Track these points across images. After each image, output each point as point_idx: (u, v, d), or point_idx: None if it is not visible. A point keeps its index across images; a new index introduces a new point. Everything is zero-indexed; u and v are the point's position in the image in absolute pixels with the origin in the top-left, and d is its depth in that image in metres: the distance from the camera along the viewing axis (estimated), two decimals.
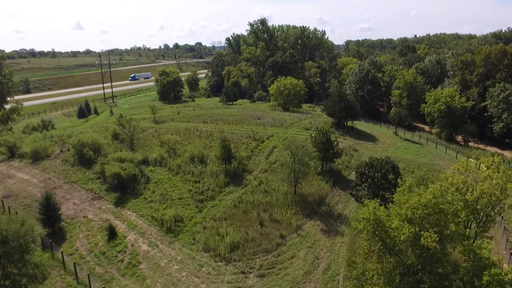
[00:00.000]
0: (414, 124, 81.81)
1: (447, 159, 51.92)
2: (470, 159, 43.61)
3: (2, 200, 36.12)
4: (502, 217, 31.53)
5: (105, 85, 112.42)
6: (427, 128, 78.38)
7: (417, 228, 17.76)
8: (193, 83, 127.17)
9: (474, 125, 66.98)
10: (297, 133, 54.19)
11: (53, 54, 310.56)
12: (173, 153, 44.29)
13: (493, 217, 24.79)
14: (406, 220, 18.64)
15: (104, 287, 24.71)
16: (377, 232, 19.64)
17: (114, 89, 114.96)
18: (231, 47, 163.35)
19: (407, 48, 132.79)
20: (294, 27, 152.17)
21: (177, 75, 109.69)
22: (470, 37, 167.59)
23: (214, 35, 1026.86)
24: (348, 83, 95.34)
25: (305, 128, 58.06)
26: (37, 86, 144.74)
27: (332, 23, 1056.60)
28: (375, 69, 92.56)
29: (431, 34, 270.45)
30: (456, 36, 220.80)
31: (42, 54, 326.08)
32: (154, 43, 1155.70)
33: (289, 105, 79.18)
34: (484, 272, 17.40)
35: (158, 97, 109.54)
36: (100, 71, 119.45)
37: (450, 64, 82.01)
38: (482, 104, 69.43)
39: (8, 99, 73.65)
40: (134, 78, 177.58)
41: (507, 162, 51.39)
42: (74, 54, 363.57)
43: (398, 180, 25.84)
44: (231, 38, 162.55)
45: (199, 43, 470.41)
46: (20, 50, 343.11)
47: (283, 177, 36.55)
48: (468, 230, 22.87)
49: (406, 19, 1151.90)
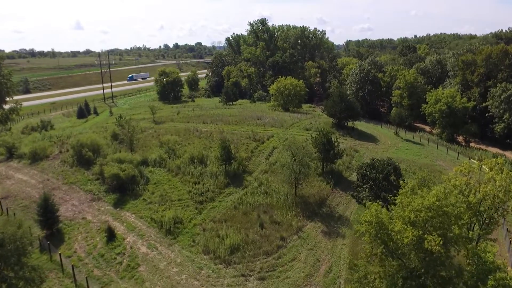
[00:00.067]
0: (414, 124, 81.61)
1: (448, 159, 51.65)
2: (473, 160, 43.29)
3: (0, 201, 35.83)
4: (505, 218, 31.22)
5: (105, 85, 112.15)
6: (428, 128, 78.13)
7: (420, 231, 17.46)
8: (193, 83, 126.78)
9: (475, 125, 66.73)
10: (297, 133, 53.88)
11: (53, 54, 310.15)
12: (173, 154, 43.99)
13: (497, 219, 24.52)
14: (409, 223, 18.35)
15: None
16: (379, 235, 19.36)
17: (113, 89, 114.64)
18: (231, 47, 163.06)
19: (407, 48, 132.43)
20: (294, 27, 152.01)
21: (177, 75, 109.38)
22: (471, 37, 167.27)
23: (214, 35, 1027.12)
24: (348, 83, 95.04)
25: (306, 129, 57.78)
26: (36, 86, 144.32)
27: (332, 23, 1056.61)
28: (375, 69, 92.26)
29: (431, 34, 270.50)
30: (457, 36, 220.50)
31: (42, 54, 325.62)
32: (154, 43, 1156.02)
33: (289, 105, 78.89)
34: (489, 276, 17.10)
35: (158, 97, 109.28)
36: (99, 71, 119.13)
37: (451, 64, 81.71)
38: (483, 104, 69.13)
39: (7, 99, 73.33)
40: (132, 79, 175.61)
41: (509, 163, 51.05)
42: (74, 54, 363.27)
43: (400, 182, 25.59)
44: (231, 38, 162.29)
45: (199, 43, 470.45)
46: (19, 50, 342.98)
47: (284, 178, 36.25)
48: (471, 233, 22.61)
49: (406, 19, 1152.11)
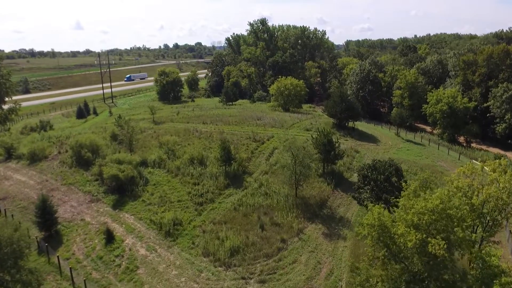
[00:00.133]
0: (415, 124, 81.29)
1: (449, 160, 51.36)
2: (475, 161, 42.95)
3: None
4: (508, 221, 30.84)
5: (105, 85, 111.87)
6: (428, 128, 77.83)
7: (424, 235, 17.13)
8: (193, 83, 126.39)
9: (476, 126, 66.38)
10: (297, 134, 53.56)
11: (52, 54, 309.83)
12: (172, 155, 43.66)
13: (500, 221, 24.18)
14: (412, 226, 18.03)
15: None
16: (381, 238, 19.06)
17: (113, 89, 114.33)
18: (231, 47, 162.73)
19: (408, 48, 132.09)
20: (294, 27, 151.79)
21: (177, 75, 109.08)
22: (471, 37, 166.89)
23: (214, 35, 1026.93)
24: (349, 83, 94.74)
25: (306, 129, 57.49)
26: (36, 86, 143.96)
27: (332, 23, 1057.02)
28: (376, 69, 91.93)
29: (431, 34, 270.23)
30: (457, 36, 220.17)
31: (41, 54, 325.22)
32: (154, 43, 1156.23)
33: (290, 106, 78.57)
34: (494, 281, 16.76)
35: (158, 97, 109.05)
36: (99, 71, 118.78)
37: (451, 64, 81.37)
38: (485, 104, 68.80)
39: (6, 99, 73.12)
40: (129, 79, 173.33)
41: (511, 164, 50.69)
42: (74, 54, 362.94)
43: (402, 183, 25.29)
44: (231, 38, 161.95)
45: (199, 43, 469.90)
46: (19, 50, 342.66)
47: (284, 179, 35.93)
48: (474, 235, 22.29)
49: (406, 19, 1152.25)
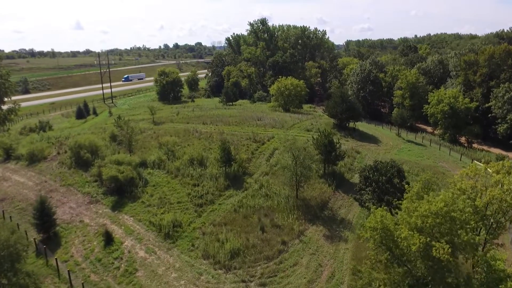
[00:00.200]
0: (416, 125, 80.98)
1: (451, 161, 51.05)
2: (477, 162, 42.62)
3: None
4: (511, 222, 30.54)
5: (104, 85, 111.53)
6: (429, 129, 77.51)
7: (428, 238, 16.80)
8: (193, 83, 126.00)
9: (478, 126, 66.03)
10: (298, 134, 53.21)
11: (52, 54, 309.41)
12: (172, 155, 43.35)
13: (504, 224, 23.88)
14: (416, 229, 17.71)
15: None
16: (384, 242, 18.75)
17: (113, 89, 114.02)
18: (231, 47, 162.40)
19: (408, 48, 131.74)
20: (295, 27, 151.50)
21: (177, 75, 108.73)
22: (472, 37, 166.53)
23: (214, 35, 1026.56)
24: (349, 84, 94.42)
25: (307, 130, 57.20)
26: (36, 86, 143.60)
27: (332, 23, 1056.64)
28: (376, 69, 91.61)
29: (431, 34, 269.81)
30: (457, 36, 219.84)
31: (41, 54, 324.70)
32: (154, 43, 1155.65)
33: (290, 106, 78.24)
34: (500, 285, 16.44)
35: (158, 98, 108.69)
36: (99, 71, 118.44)
37: (452, 64, 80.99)
38: (486, 105, 68.44)
39: (6, 99, 72.82)
40: (127, 79, 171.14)
41: None
42: (74, 54, 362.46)
43: (404, 185, 24.96)
44: (231, 38, 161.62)
45: (199, 43, 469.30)
46: (19, 50, 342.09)
47: (285, 180, 35.62)
48: (478, 237, 21.99)
49: (406, 19, 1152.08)
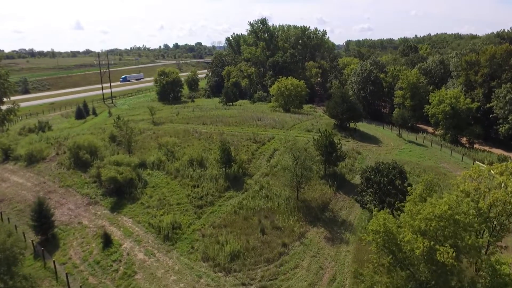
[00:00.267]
0: (417, 125, 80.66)
1: (452, 161, 50.74)
2: (479, 163, 42.27)
3: None
4: None
5: (104, 85, 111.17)
6: (430, 129, 77.17)
7: (432, 242, 16.48)
8: (193, 83, 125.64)
9: (479, 126, 65.70)
10: (298, 135, 52.91)
11: (52, 54, 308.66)
12: (172, 156, 43.05)
13: (508, 226, 23.57)
14: (419, 232, 17.40)
15: None
16: (387, 245, 18.43)
17: (113, 90, 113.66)
18: (231, 47, 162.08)
19: (409, 48, 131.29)
20: (295, 27, 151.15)
21: (177, 75, 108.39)
22: (472, 37, 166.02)
23: (214, 35, 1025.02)
24: (350, 84, 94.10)
25: (307, 130, 56.90)
26: (36, 86, 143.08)
27: (332, 23, 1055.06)
28: (377, 69, 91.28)
29: (431, 34, 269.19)
30: (458, 36, 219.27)
31: (41, 54, 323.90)
32: (154, 43, 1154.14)
33: (290, 106, 77.91)
34: None
35: (158, 98, 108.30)
36: (99, 71, 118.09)
37: (454, 64, 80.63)
38: (488, 105, 68.10)
39: (5, 99, 72.49)
40: (125, 80, 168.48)
41: None
42: (74, 54, 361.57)
43: (407, 187, 24.65)
44: (231, 38, 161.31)
45: (199, 43, 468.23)
46: (19, 50, 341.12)
47: (285, 181, 35.32)
48: (481, 240, 21.68)
49: (406, 19, 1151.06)
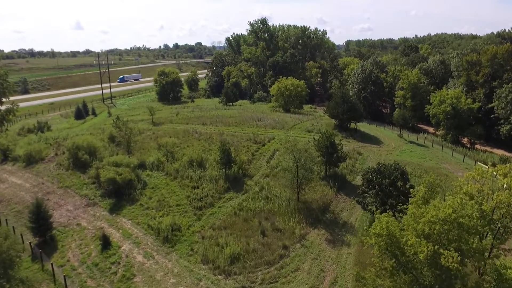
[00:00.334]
0: (418, 125, 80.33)
1: (454, 162, 50.39)
2: (480, 164, 41.94)
3: None
4: None
5: (104, 85, 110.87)
6: (431, 129, 76.85)
7: (436, 246, 16.16)
8: (193, 83, 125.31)
9: (481, 127, 65.38)
10: (299, 135, 52.57)
11: (52, 54, 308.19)
12: (171, 157, 42.75)
13: (511, 228, 23.21)
14: (423, 236, 17.08)
15: None
16: (389, 248, 18.11)
17: (113, 90, 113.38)
18: (231, 47, 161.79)
19: (409, 48, 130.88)
20: (295, 27, 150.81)
21: (177, 75, 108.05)
22: (473, 37, 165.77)
23: (214, 35, 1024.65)
24: (350, 84, 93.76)
25: (307, 130, 56.60)
26: (35, 86, 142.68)
27: (332, 23, 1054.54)
28: (378, 69, 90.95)
29: (432, 34, 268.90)
30: (458, 36, 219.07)
31: (41, 54, 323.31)
32: (154, 43, 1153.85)
33: (290, 106, 77.60)
34: None
35: (157, 98, 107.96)
36: (99, 71, 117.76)
37: (455, 65, 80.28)
38: (489, 105, 67.77)
39: (4, 100, 72.11)
40: (122, 80, 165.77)
41: None
42: (74, 54, 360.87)
43: (409, 189, 24.32)
44: (231, 38, 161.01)
45: (199, 43, 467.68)
46: (19, 50, 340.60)
47: (286, 182, 35.02)
48: (484, 242, 21.39)
49: (406, 19, 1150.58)
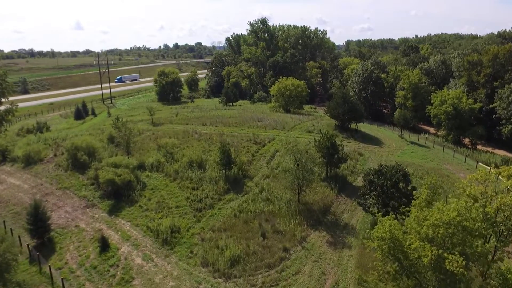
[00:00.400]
0: (419, 126, 79.96)
1: (455, 163, 50.07)
2: (484, 165, 41.60)
3: None
4: None
5: (104, 85, 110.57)
6: (432, 130, 76.47)
7: (440, 250, 15.84)
8: (193, 83, 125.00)
9: (482, 127, 65.05)
10: (299, 136, 52.27)
11: (52, 54, 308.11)
12: (171, 158, 42.44)
13: None
14: (427, 239, 16.76)
15: None
16: (392, 252, 17.80)
17: (113, 90, 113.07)
18: (231, 47, 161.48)
19: (410, 48, 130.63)
20: (295, 27, 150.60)
21: (177, 75, 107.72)
22: (473, 37, 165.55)
23: (214, 35, 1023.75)
24: (351, 84, 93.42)
25: (308, 131, 56.29)
26: (35, 86, 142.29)
27: (332, 23, 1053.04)
28: (378, 69, 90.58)
29: (432, 34, 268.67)
30: (458, 36, 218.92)
31: (41, 54, 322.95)
32: (154, 43, 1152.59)
33: (291, 107, 77.32)
34: None
35: (157, 98, 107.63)
36: (98, 71, 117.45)
37: (455, 65, 79.96)
38: (490, 106, 67.43)
39: (3, 100, 71.80)
40: (120, 80, 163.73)
41: None
42: (74, 54, 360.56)
43: (412, 191, 24.02)
44: (231, 38, 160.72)
45: (199, 43, 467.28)
46: (19, 50, 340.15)
47: (286, 184, 34.70)
48: (488, 244, 21.06)
49: (406, 19, 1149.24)
